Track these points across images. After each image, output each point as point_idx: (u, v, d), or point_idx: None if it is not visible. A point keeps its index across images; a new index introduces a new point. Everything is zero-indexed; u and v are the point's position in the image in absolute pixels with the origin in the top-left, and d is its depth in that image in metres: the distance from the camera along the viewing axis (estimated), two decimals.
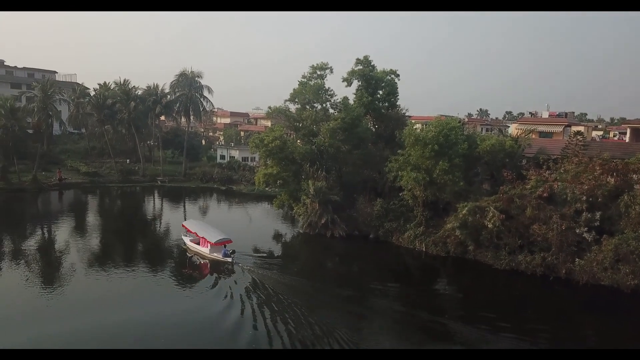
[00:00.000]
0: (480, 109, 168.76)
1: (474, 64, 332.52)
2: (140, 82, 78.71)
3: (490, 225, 34.73)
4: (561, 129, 58.08)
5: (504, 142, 41.67)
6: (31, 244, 39.32)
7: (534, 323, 26.48)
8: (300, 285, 31.59)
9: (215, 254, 35.31)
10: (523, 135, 46.96)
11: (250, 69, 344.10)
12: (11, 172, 62.95)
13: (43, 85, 66.89)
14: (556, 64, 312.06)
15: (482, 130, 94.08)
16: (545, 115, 66.40)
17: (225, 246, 35.34)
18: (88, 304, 26.83)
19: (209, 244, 35.66)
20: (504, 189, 36.57)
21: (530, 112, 72.66)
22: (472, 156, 40.38)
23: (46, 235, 43.87)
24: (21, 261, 34.12)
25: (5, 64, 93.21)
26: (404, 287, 32.64)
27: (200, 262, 35.79)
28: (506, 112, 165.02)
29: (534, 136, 50.78)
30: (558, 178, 35.67)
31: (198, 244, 37.21)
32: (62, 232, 43.82)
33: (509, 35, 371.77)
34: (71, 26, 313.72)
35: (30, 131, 68.62)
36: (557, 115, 65.75)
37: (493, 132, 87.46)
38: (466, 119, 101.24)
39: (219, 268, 34.02)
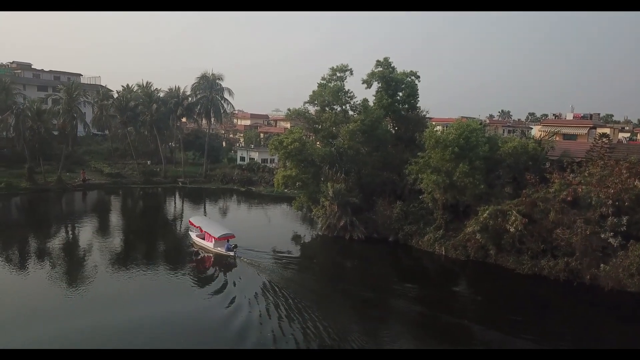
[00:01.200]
0: (502, 110, 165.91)
1: (493, 63, 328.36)
2: (138, 81, 79.85)
3: (512, 229, 34.15)
4: (586, 131, 56.77)
5: (527, 144, 40.89)
6: (55, 243, 40.31)
7: (556, 328, 25.98)
8: (314, 286, 31.86)
9: (218, 248, 37.05)
10: (546, 137, 46.06)
11: (249, 69, 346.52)
12: (37, 172, 64.46)
13: (68, 87, 68.32)
14: (581, 65, 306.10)
15: (504, 132, 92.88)
16: (570, 117, 65.06)
17: (228, 241, 37.04)
18: (103, 302, 27.41)
19: (213, 239, 37.43)
20: (527, 192, 35.91)
21: (554, 114, 71.41)
22: (494, 159, 39.78)
23: (70, 234, 44.83)
24: (45, 259, 35.13)
25: (32, 67, 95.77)
26: (423, 290, 32.20)
27: (205, 255, 37.43)
28: (529, 113, 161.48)
29: (557, 138, 49.72)
30: (582, 181, 34.84)
31: (203, 238, 38.96)
32: (85, 232, 44.68)
33: (524, 35, 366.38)
34: (71, 26, 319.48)
35: (55, 132, 70.21)
36: (581, 117, 64.38)
37: (515, 134, 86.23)
38: (487, 121, 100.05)
39: (221, 262, 35.52)
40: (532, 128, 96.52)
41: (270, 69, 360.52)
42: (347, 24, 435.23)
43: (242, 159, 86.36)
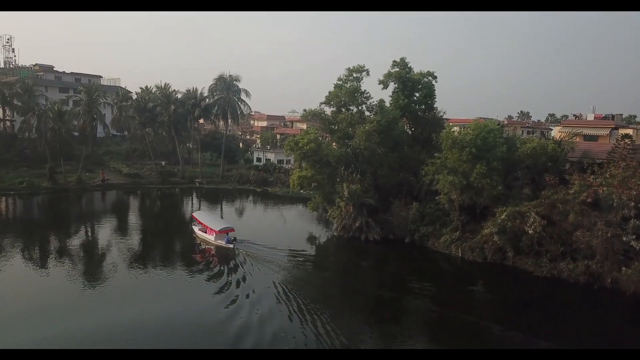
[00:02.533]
0: (522, 111, 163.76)
1: (512, 64, 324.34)
2: (139, 81, 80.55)
3: (530, 231, 33.65)
4: (607, 132, 55.66)
5: (546, 145, 40.24)
6: (75, 242, 41.02)
7: (574, 329, 25.63)
8: (326, 285, 31.78)
9: (219, 241, 39.17)
10: (566, 138, 45.29)
11: (247, 66, 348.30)
12: (58, 172, 65.66)
13: (88, 89, 69.42)
14: (603, 65, 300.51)
15: (522, 133, 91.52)
16: (591, 117, 63.89)
17: (227, 234, 39.18)
18: (111, 300, 27.82)
19: (214, 232, 39.71)
20: (546, 193, 35.34)
21: (574, 115, 70.10)
22: (512, 159, 39.27)
23: (89, 233, 45.56)
24: (65, 258, 35.82)
25: (54, 69, 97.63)
26: (439, 291, 31.75)
27: (206, 247, 39.68)
28: (549, 114, 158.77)
29: (578, 139, 48.87)
30: (603, 183, 34.11)
31: (205, 232, 40.88)
32: (104, 231, 45.36)
33: (545, 35, 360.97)
34: (70, 26, 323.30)
35: (76, 133, 71.36)
36: (603, 117, 63.15)
37: (535, 134, 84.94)
38: (505, 122, 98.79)
39: (221, 253, 37.55)
40: (552, 129, 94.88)
41: (263, 66, 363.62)
42: (347, 20, 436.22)
43: (259, 159, 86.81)
